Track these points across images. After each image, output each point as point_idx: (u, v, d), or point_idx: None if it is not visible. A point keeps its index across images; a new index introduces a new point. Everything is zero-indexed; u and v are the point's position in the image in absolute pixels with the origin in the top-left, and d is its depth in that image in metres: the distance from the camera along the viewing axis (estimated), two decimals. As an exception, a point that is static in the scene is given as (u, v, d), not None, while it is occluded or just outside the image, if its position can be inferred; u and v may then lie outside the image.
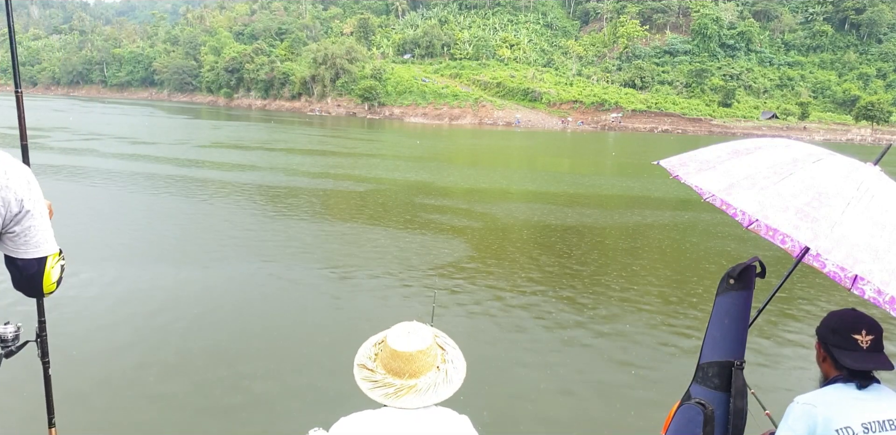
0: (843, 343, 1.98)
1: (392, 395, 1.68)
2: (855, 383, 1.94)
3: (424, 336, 1.76)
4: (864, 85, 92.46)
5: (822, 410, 1.89)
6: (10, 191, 1.63)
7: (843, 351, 1.97)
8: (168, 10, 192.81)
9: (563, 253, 11.42)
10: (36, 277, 1.75)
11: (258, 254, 10.33)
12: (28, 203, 1.66)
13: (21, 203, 1.65)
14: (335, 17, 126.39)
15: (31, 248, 1.71)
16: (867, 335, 1.96)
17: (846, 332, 1.99)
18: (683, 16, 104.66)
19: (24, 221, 1.67)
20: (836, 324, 2.03)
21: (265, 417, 5.08)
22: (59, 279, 1.82)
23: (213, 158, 25.53)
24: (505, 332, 7.31)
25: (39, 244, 1.73)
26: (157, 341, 6.55)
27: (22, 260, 1.72)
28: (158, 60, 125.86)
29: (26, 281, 1.76)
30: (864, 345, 1.95)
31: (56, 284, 1.81)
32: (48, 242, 1.75)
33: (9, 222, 1.65)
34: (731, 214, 2.73)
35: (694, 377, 2.27)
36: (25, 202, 1.66)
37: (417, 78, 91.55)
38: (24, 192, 1.66)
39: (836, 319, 2.06)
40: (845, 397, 1.92)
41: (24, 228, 1.68)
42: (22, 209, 1.65)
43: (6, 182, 1.62)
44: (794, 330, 7.65)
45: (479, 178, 22.55)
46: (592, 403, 5.71)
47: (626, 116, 79.76)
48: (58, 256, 1.80)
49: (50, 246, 1.76)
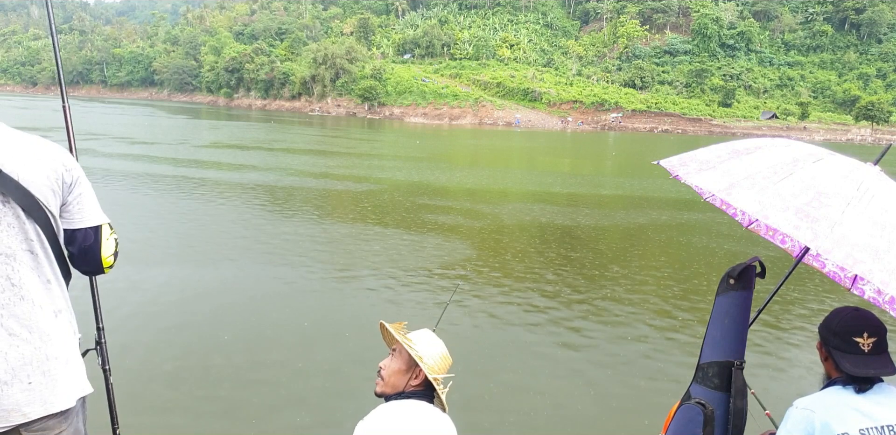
0: (843, 346, 1.92)
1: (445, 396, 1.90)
2: (854, 387, 1.88)
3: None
4: (864, 85, 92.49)
5: (820, 415, 1.85)
6: (58, 161, 1.73)
7: (844, 354, 1.91)
8: (168, 10, 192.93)
9: (563, 253, 11.42)
10: (94, 248, 1.83)
11: (259, 254, 10.33)
12: (76, 171, 1.78)
13: (71, 172, 1.76)
14: (335, 17, 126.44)
15: (86, 215, 1.81)
16: (869, 338, 1.90)
17: (847, 334, 1.93)
18: (683, 16, 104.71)
19: (76, 189, 1.77)
20: (837, 325, 1.97)
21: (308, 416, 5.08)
22: (114, 253, 1.89)
23: (212, 158, 25.54)
24: (505, 331, 7.31)
25: (93, 212, 1.83)
26: (172, 343, 6.56)
27: (81, 231, 1.80)
28: (158, 60, 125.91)
29: (85, 254, 1.83)
30: (866, 348, 1.90)
31: (113, 258, 1.89)
32: (99, 212, 1.86)
33: (66, 193, 1.75)
34: (731, 214, 2.73)
35: (694, 377, 2.27)
36: (74, 170, 1.77)
37: (417, 78, 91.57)
38: (69, 160, 1.77)
39: (837, 319, 1.99)
40: (844, 402, 1.87)
41: (77, 195, 1.78)
42: (73, 178, 1.76)
43: (51, 153, 1.72)
44: (794, 330, 7.65)
45: (479, 179, 22.56)
46: (592, 402, 5.70)
47: (626, 116, 79.78)
48: (111, 230, 1.89)
49: (101, 215, 1.86)
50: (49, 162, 1.71)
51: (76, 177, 1.77)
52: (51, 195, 1.71)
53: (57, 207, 1.74)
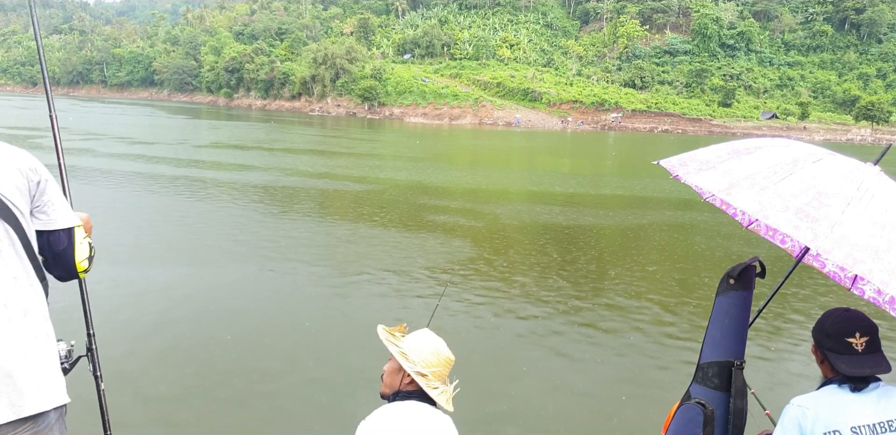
0: (837, 347, 1.95)
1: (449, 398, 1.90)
2: (849, 386, 1.91)
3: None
4: (864, 85, 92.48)
5: (814, 412, 1.88)
6: (22, 162, 1.71)
7: (839, 356, 1.93)
8: (168, 10, 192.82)
9: (562, 253, 11.41)
10: (67, 251, 1.81)
11: (260, 254, 10.33)
12: (42, 171, 1.76)
13: (37, 172, 1.74)
14: (335, 17, 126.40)
15: (57, 217, 1.79)
16: (861, 337, 1.93)
17: (839, 335, 1.95)
18: (683, 16, 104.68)
19: (43, 189, 1.75)
20: (830, 327, 1.99)
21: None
22: (89, 258, 1.87)
23: (212, 158, 25.54)
24: (505, 331, 7.31)
25: (64, 214, 1.81)
26: (171, 342, 6.56)
27: (54, 233, 1.78)
28: (158, 60, 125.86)
29: (59, 258, 1.81)
30: (860, 348, 1.92)
31: (88, 263, 1.87)
32: (71, 214, 1.84)
33: (34, 191, 1.73)
34: (731, 214, 2.73)
35: (694, 377, 2.27)
36: (39, 170, 1.75)
37: (417, 78, 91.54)
38: (32, 161, 1.75)
39: (829, 321, 2.02)
40: (839, 400, 1.90)
41: (45, 195, 1.76)
42: (39, 177, 1.74)
43: (14, 154, 1.71)
44: (793, 330, 7.65)
45: (479, 179, 22.56)
46: (592, 402, 5.71)
47: (626, 116, 79.75)
48: (85, 234, 1.87)
49: (73, 218, 1.83)
50: (13, 162, 1.69)
51: (43, 177, 1.75)
52: (17, 193, 1.67)
53: (26, 206, 1.71)
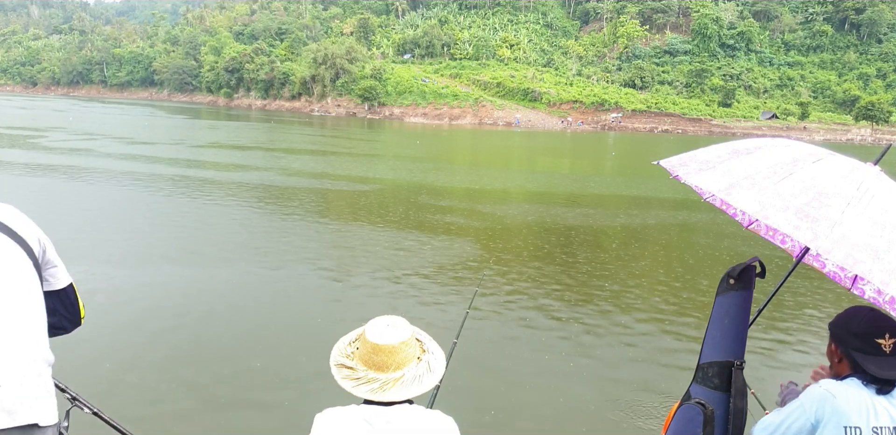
0: (865, 348, 1.91)
1: (378, 389, 1.69)
2: (875, 387, 1.89)
3: (404, 328, 1.79)
4: (864, 85, 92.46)
5: (840, 402, 1.85)
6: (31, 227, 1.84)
7: (867, 356, 1.90)
8: (168, 10, 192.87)
9: (563, 253, 11.42)
10: (76, 303, 1.99)
11: (261, 254, 10.33)
12: (44, 237, 1.87)
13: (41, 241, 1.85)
14: (335, 17, 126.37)
15: (62, 276, 1.93)
16: (891, 338, 1.90)
17: (869, 336, 1.91)
18: (683, 16, 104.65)
19: (48, 251, 1.88)
20: (858, 327, 1.95)
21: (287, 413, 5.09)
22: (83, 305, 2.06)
23: (212, 158, 25.54)
24: (505, 331, 7.31)
25: (65, 272, 1.96)
26: (166, 342, 6.56)
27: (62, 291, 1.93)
28: (158, 60, 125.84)
29: (71, 310, 1.97)
30: (888, 349, 1.89)
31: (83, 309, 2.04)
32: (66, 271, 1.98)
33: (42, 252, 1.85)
34: (731, 214, 2.73)
35: (694, 377, 2.27)
36: (40, 235, 1.86)
37: (417, 78, 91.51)
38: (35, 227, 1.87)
39: (856, 321, 1.97)
40: (864, 398, 1.87)
41: (53, 256, 1.89)
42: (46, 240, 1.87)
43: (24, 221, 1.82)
44: (794, 330, 7.65)
45: (479, 179, 22.56)
46: (592, 402, 5.71)
47: (626, 116, 79.73)
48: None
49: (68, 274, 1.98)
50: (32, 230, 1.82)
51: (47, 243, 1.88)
52: (37, 245, 1.80)
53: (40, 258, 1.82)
